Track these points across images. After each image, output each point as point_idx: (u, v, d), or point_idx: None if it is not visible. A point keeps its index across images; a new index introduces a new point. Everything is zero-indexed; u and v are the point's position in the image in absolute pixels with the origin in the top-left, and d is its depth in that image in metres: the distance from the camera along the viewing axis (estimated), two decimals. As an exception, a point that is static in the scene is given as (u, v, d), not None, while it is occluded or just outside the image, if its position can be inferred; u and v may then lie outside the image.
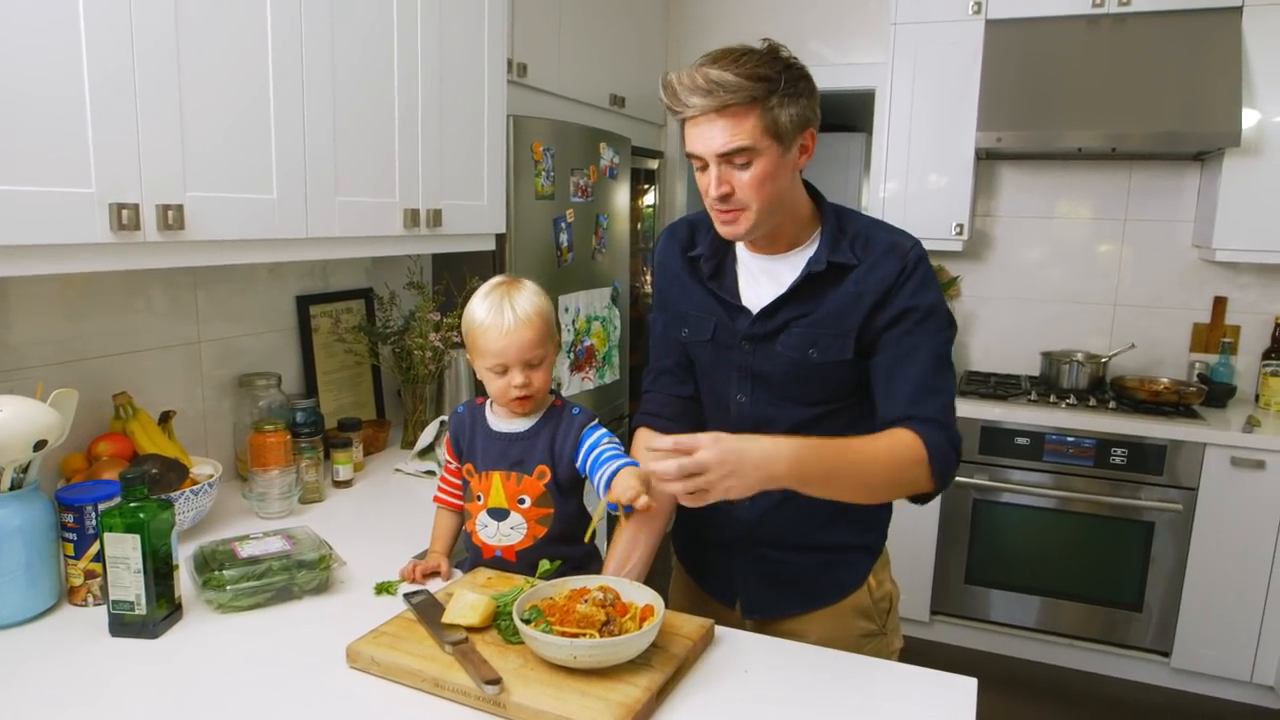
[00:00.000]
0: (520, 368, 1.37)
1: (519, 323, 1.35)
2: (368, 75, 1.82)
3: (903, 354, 1.29)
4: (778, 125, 1.20)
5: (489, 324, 1.36)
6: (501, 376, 1.38)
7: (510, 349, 1.35)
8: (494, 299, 1.37)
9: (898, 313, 1.29)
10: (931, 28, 3.14)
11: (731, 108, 1.18)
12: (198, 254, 1.49)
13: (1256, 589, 2.77)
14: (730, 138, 1.19)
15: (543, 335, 1.38)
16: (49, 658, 1.21)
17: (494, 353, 1.36)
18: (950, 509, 3.09)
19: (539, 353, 1.38)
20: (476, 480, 1.44)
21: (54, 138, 1.23)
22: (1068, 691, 2.96)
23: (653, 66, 3.76)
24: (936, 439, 1.25)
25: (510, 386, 1.38)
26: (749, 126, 1.19)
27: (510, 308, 1.36)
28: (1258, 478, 2.73)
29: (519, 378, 1.37)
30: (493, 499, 1.41)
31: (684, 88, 1.19)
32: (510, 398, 1.39)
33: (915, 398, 1.27)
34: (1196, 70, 2.82)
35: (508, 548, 1.42)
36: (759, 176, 1.22)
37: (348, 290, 2.37)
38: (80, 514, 1.33)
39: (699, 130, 1.22)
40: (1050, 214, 3.47)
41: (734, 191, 1.23)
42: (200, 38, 1.43)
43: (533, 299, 1.39)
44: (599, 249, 2.99)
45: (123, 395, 1.68)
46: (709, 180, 1.24)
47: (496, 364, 1.37)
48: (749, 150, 1.20)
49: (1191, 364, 3.28)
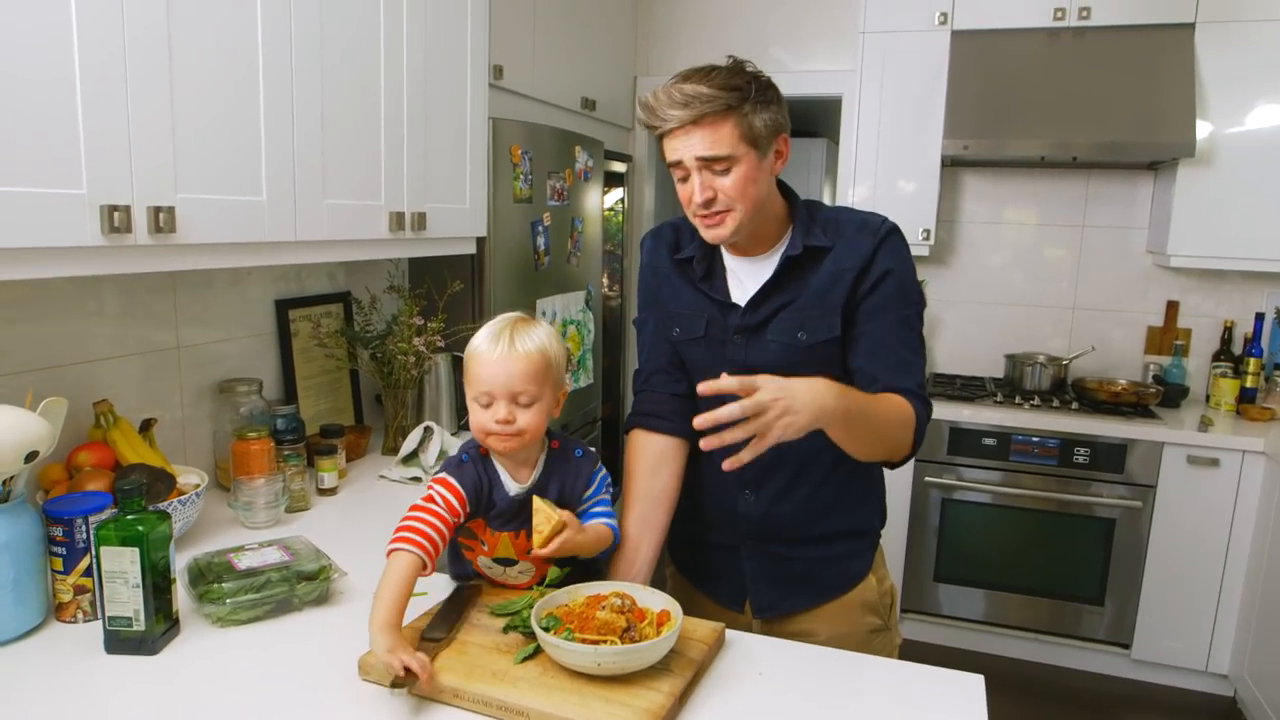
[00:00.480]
0: (506, 401, 1.23)
1: (511, 353, 1.23)
2: (354, 77, 1.80)
3: (880, 326, 1.35)
4: (753, 131, 1.26)
5: (482, 351, 1.26)
6: (485, 409, 1.25)
7: (497, 377, 1.23)
8: (498, 328, 1.28)
9: (876, 280, 1.34)
10: (899, 37, 3.21)
11: (708, 117, 1.24)
12: (187, 257, 1.45)
13: (1211, 582, 2.89)
14: (710, 145, 1.25)
15: (539, 372, 1.25)
16: (41, 678, 1.16)
17: (480, 379, 1.24)
18: (919, 509, 3.15)
19: (531, 390, 1.24)
20: (482, 530, 1.34)
21: (45, 137, 1.19)
22: (1032, 684, 3.04)
23: (622, 70, 3.76)
24: (920, 407, 1.33)
25: (491, 419, 1.23)
26: (726, 134, 1.25)
27: (509, 338, 1.25)
28: (1212, 475, 2.84)
29: (502, 411, 1.23)
30: (499, 551, 1.34)
31: (661, 103, 1.26)
32: (486, 432, 1.25)
33: (895, 370, 1.34)
34: (1152, 83, 2.93)
35: (516, 586, 1.37)
36: (740, 181, 1.27)
37: (326, 294, 2.33)
38: (70, 527, 1.28)
39: (679, 141, 1.27)
40: (1012, 220, 3.56)
41: (717, 196, 1.28)
42: (191, 33, 1.39)
43: (541, 337, 1.27)
44: (574, 252, 2.98)
45: (104, 403, 1.62)
46: (691, 188, 1.29)
47: (481, 393, 1.24)
48: (728, 158, 1.26)
49: (1146, 365, 3.40)
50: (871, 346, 1.35)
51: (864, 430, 1.25)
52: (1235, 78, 2.88)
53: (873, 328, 1.35)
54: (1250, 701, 2.73)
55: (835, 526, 1.46)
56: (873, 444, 1.29)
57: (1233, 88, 2.89)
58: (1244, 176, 2.90)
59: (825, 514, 1.45)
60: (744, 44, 3.58)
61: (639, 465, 1.47)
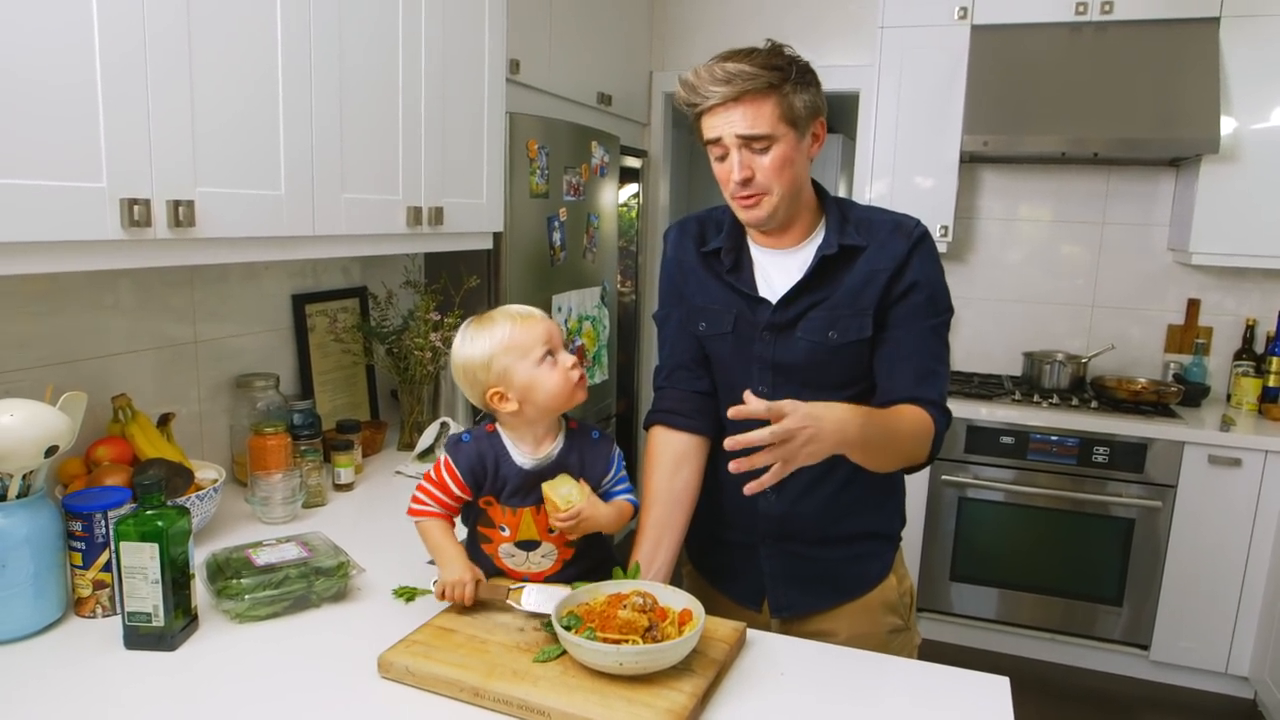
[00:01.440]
0: (563, 349, 1.31)
1: (534, 313, 1.30)
2: (373, 71, 1.79)
3: (908, 335, 1.34)
4: (793, 111, 1.26)
5: (515, 326, 1.27)
6: (554, 368, 1.27)
7: (552, 329, 1.29)
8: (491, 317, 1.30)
9: (907, 287, 1.34)
10: (918, 31, 3.18)
11: (750, 94, 1.24)
12: (207, 252, 1.44)
13: (1232, 583, 2.85)
14: (751, 123, 1.25)
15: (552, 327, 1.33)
16: (61, 672, 1.16)
17: (537, 338, 1.27)
18: (935, 507, 3.13)
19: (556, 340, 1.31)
20: (500, 513, 1.32)
21: (66, 131, 1.18)
22: (1049, 684, 3.01)
23: (638, 65, 3.75)
24: (940, 419, 1.33)
25: (566, 369, 1.28)
26: (767, 112, 1.25)
27: (513, 311, 1.30)
28: (1233, 475, 2.81)
29: (568, 358, 1.29)
30: (522, 533, 1.32)
31: (703, 80, 1.25)
32: (573, 382, 1.29)
33: (919, 380, 1.33)
34: (1176, 78, 2.89)
35: (536, 574, 1.36)
36: (779, 161, 1.27)
37: (342, 289, 2.33)
38: (89, 522, 1.27)
39: (719, 118, 1.27)
40: (1030, 217, 3.53)
41: (755, 176, 1.28)
42: (211, 29, 1.39)
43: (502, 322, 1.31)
44: (590, 248, 2.97)
45: (122, 397, 1.62)
46: (730, 166, 1.29)
47: (543, 351, 1.27)
48: (768, 136, 1.25)
49: (1166, 364, 3.36)
50: (897, 353, 1.34)
51: (882, 450, 1.27)
52: (1261, 73, 2.84)
53: (901, 334, 1.34)
54: (1272, 704, 2.70)
55: (855, 528, 1.44)
56: (890, 460, 1.31)
57: (1258, 83, 2.84)
58: (1268, 173, 2.86)
59: (846, 515, 1.43)
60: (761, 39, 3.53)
61: (659, 463, 1.46)
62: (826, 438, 1.13)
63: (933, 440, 1.33)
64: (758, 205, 1.30)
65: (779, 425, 1.09)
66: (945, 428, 1.35)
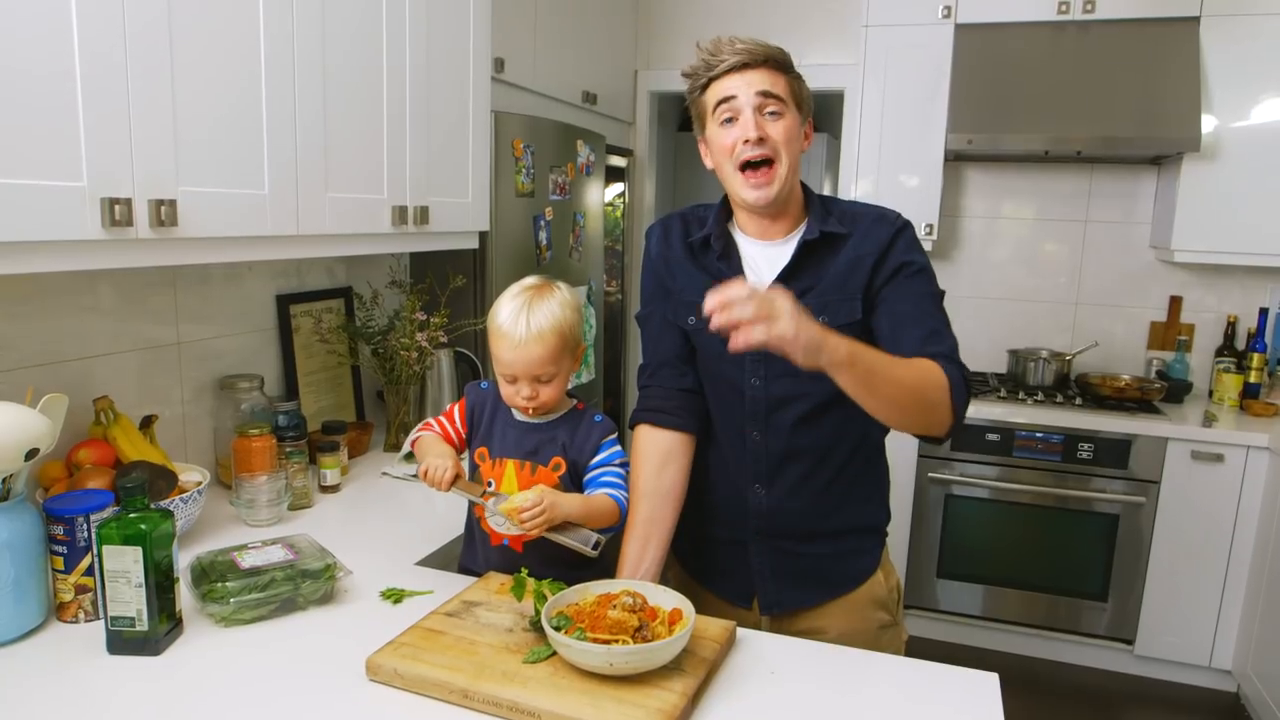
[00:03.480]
0: (528, 381, 1.36)
1: (530, 338, 1.32)
2: (357, 69, 1.77)
3: (905, 303, 1.34)
4: (800, 93, 1.34)
5: (505, 331, 1.34)
6: (511, 384, 1.38)
7: (518, 363, 1.34)
8: (517, 304, 1.35)
9: (895, 267, 1.34)
10: (902, 30, 3.19)
11: (769, 63, 1.31)
12: (189, 252, 1.43)
13: (1215, 578, 2.88)
14: (770, 84, 1.30)
15: (555, 352, 1.35)
16: (43, 678, 1.14)
17: (504, 362, 1.36)
18: (921, 504, 3.14)
19: (549, 370, 1.35)
20: (488, 466, 1.42)
21: (45, 128, 1.17)
22: (1035, 680, 3.03)
23: (623, 64, 3.74)
24: (954, 371, 1.28)
25: (517, 395, 1.38)
26: (782, 82, 1.31)
27: (526, 320, 1.33)
28: (1216, 470, 2.83)
29: (526, 390, 1.36)
30: (504, 487, 1.39)
31: (722, 46, 1.31)
32: (515, 404, 1.40)
33: (926, 340, 1.30)
34: (1157, 77, 2.92)
35: (516, 538, 1.39)
36: (788, 131, 1.30)
37: (327, 289, 2.31)
38: (71, 526, 1.26)
39: (736, 79, 1.30)
40: (1014, 215, 3.55)
41: (766, 138, 1.29)
42: (193, 26, 1.37)
43: (554, 312, 1.35)
44: (576, 247, 2.96)
45: (104, 399, 1.60)
46: (742, 127, 1.29)
47: (506, 373, 1.37)
48: (782, 101, 1.30)
49: (1149, 361, 3.39)
50: (897, 319, 1.32)
51: (884, 386, 1.20)
52: (1241, 72, 2.87)
53: (898, 305, 1.33)
54: (1254, 697, 2.73)
55: (844, 523, 1.45)
56: (900, 404, 1.23)
57: (1238, 82, 2.87)
58: (1249, 171, 2.89)
59: (835, 510, 1.43)
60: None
61: (645, 461, 1.45)
62: (810, 325, 1.08)
63: (951, 391, 1.26)
64: (768, 179, 1.30)
65: (762, 293, 1.06)
66: (964, 382, 1.28)
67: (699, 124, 1.38)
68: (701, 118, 1.36)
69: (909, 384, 1.24)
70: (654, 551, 1.42)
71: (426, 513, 1.83)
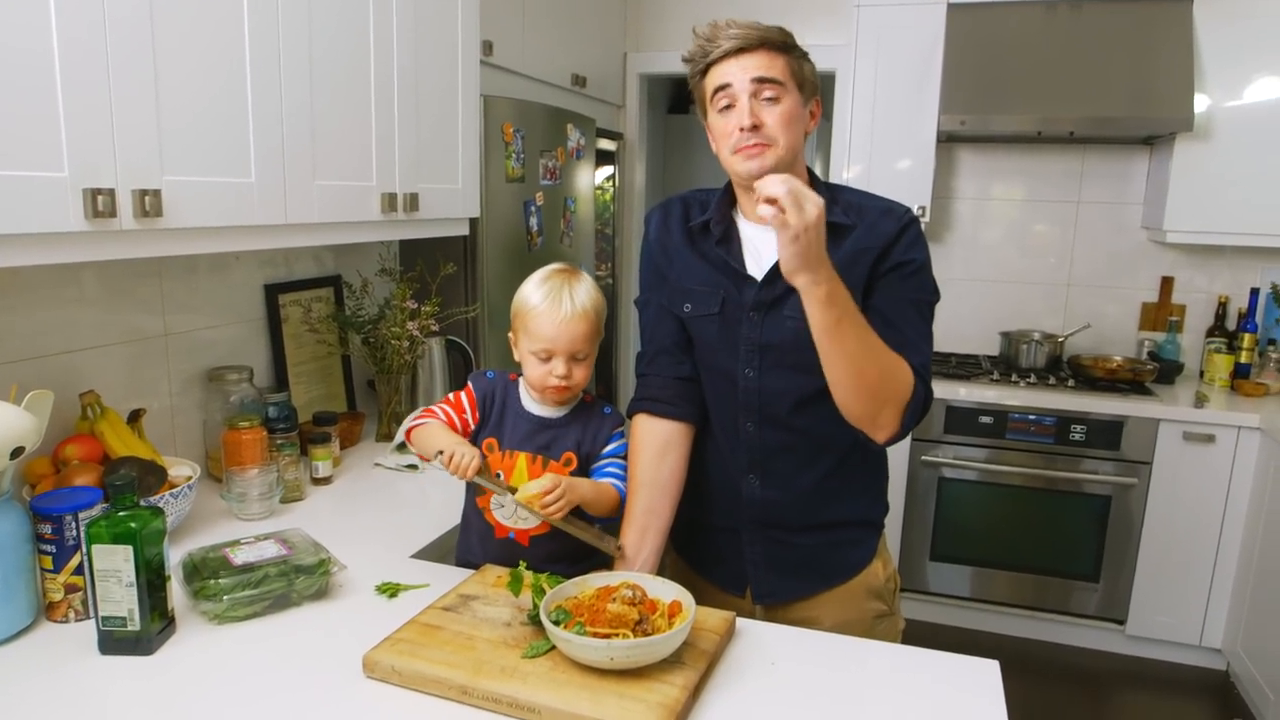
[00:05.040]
0: (565, 359, 1.36)
1: (576, 314, 1.35)
2: (344, 54, 1.74)
3: (892, 306, 1.32)
4: (802, 73, 1.30)
5: (543, 309, 1.35)
6: (544, 363, 1.37)
7: (561, 338, 1.35)
8: (553, 284, 1.37)
9: (894, 265, 1.33)
10: (894, 10, 3.16)
11: (766, 46, 1.27)
12: (175, 242, 1.40)
13: (1205, 557, 2.90)
14: (767, 68, 1.27)
15: (594, 330, 1.39)
16: (33, 679, 1.12)
17: (545, 338, 1.35)
18: (915, 487, 3.15)
19: (586, 348, 1.38)
20: (496, 457, 1.41)
21: (22, 117, 1.13)
22: (1027, 661, 3.05)
23: (612, 47, 3.70)
24: (920, 387, 1.29)
25: (550, 374, 1.37)
26: (781, 64, 1.28)
27: (570, 297, 1.36)
28: (1208, 451, 2.85)
29: (561, 368, 1.36)
30: (514, 480, 1.38)
31: (719, 30, 1.28)
32: (548, 385, 1.38)
33: (901, 347, 1.28)
34: (1150, 56, 2.90)
35: (522, 531, 1.39)
36: (786, 114, 1.27)
37: (316, 278, 2.28)
38: (59, 524, 1.23)
39: (732, 64, 1.28)
40: (1006, 196, 3.54)
41: (764, 124, 1.27)
42: (175, 10, 1.33)
43: (591, 292, 1.39)
44: (567, 232, 2.93)
45: (90, 394, 1.57)
46: (737, 115, 1.28)
47: (543, 349, 1.36)
48: (780, 84, 1.27)
49: (1140, 342, 3.40)
50: (879, 322, 1.30)
51: (853, 339, 1.18)
52: (1234, 51, 2.85)
53: (884, 306, 1.32)
54: (1244, 675, 2.75)
55: (837, 515, 1.43)
56: (861, 367, 1.21)
57: (1231, 61, 2.86)
58: (1241, 151, 2.88)
59: (828, 502, 1.42)
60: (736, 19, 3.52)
61: (644, 451, 1.44)
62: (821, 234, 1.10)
63: (911, 398, 1.26)
64: (762, 154, 1.27)
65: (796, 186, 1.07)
66: (925, 399, 1.29)
67: (700, 109, 1.36)
68: (702, 103, 1.34)
69: (876, 360, 1.22)
70: (652, 541, 1.41)
71: (421, 504, 1.82)
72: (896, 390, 1.26)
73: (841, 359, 1.21)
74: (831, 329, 1.17)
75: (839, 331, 1.18)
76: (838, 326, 1.17)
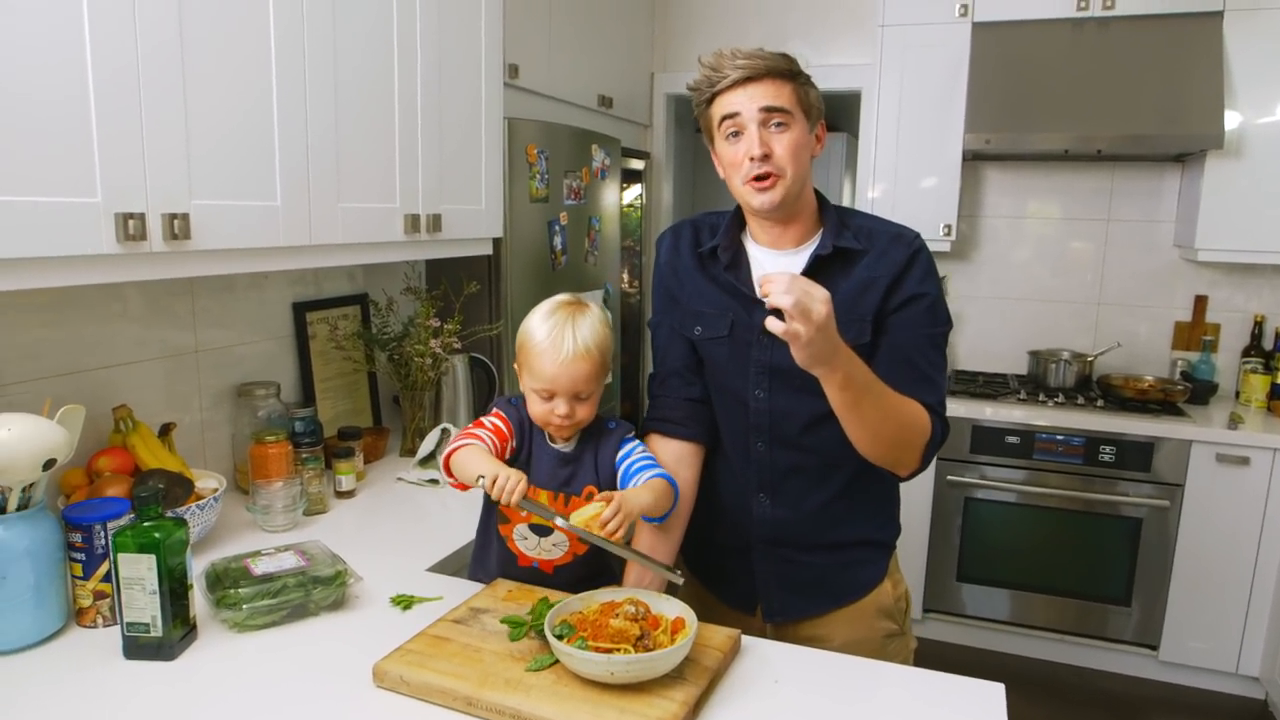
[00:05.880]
0: (567, 399, 1.32)
1: (576, 354, 1.30)
2: (368, 79, 1.80)
3: (905, 343, 1.34)
4: (807, 100, 1.32)
5: (545, 348, 1.31)
6: (546, 401, 1.33)
7: (562, 378, 1.30)
8: (557, 320, 1.33)
9: (905, 298, 1.34)
10: (919, 30, 3.16)
11: (772, 75, 1.29)
12: (203, 264, 1.46)
13: (1241, 582, 2.83)
14: (774, 97, 1.29)
15: (597, 370, 1.33)
16: (61, 682, 1.17)
17: (545, 378, 1.31)
18: (941, 507, 3.12)
19: (589, 387, 1.33)
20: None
21: (60, 147, 1.20)
22: (1056, 686, 3.00)
23: (639, 67, 3.75)
24: (938, 425, 1.32)
25: (553, 413, 1.33)
26: (787, 92, 1.30)
27: (571, 335, 1.31)
28: (1242, 474, 2.78)
29: (563, 408, 1.32)
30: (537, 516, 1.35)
31: (724, 60, 1.30)
32: (550, 422, 1.35)
33: (916, 383, 1.32)
34: (1179, 73, 2.87)
35: (546, 561, 1.40)
36: (794, 142, 1.30)
37: (343, 296, 2.34)
38: (89, 533, 1.29)
39: (739, 94, 1.30)
40: (1034, 215, 3.51)
41: (771, 154, 1.29)
42: (204, 43, 1.40)
43: (596, 329, 1.34)
44: (591, 251, 2.97)
45: (123, 408, 1.63)
46: (745, 144, 1.30)
47: (544, 389, 1.32)
48: (787, 113, 1.29)
49: (1173, 362, 3.34)
50: (894, 359, 1.33)
51: (870, 408, 1.23)
52: (1266, 67, 2.81)
53: (898, 341, 1.33)
54: (1282, 704, 2.68)
55: (848, 535, 1.44)
56: (878, 430, 1.27)
57: (1263, 77, 2.82)
58: (1274, 168, 2.83)
59: (838, 523, 1.43)
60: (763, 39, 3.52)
61: None
62: (827, 339, 1.12)
63: (928, 441, 1.31)
64: (773, 187, 1.30)
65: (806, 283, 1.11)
66: (941, 436, 1.33)
67: (707, 137, 1.39)
68: (709, 131, 1.37)
69: (894, 419, 1.27)
70: (661, 559, 1.43)
71: (440, 518, 1.85)
72: (915, 438, 1.31)
73: (862, 427, 1.27)
74: (851, 406, 1.23)
75: (858, 409, 1.24)
76: (856, 404, 1.23)
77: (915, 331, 1.34)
